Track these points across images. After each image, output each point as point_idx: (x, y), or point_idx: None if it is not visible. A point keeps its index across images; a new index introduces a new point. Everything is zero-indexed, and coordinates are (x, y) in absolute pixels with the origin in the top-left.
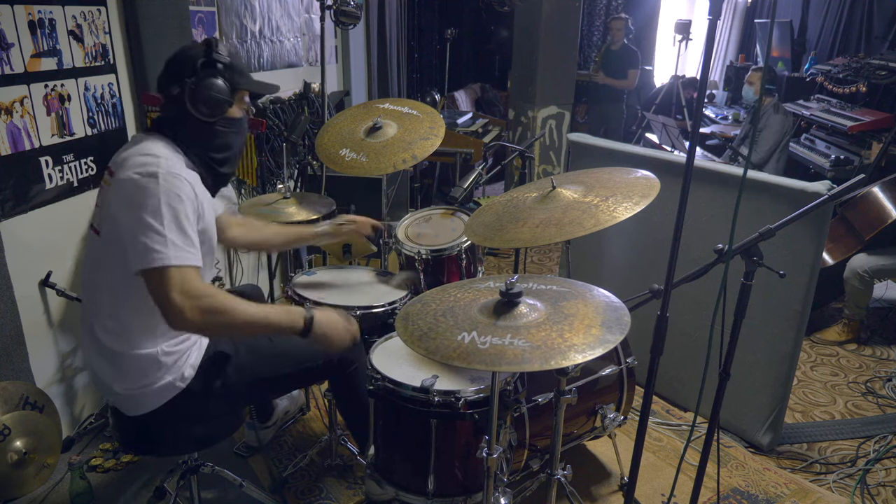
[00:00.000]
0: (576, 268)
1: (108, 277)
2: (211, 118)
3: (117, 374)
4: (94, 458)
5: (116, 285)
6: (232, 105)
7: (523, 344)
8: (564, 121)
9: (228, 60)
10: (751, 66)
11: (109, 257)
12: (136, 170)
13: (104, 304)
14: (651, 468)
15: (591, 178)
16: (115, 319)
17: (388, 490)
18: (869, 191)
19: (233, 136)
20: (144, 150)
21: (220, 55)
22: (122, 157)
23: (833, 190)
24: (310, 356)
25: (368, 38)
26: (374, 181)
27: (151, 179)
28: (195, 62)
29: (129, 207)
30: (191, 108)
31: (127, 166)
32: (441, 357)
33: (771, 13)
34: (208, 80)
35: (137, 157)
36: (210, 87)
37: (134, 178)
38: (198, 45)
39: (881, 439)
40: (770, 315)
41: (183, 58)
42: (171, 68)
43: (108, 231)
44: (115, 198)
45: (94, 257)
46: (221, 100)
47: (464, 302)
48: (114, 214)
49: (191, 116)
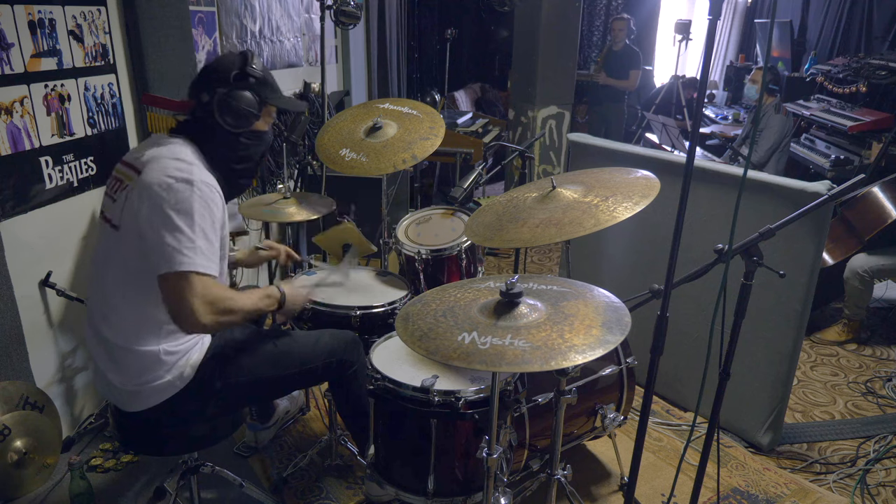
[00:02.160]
0: (576, 268)
1: (120, 272)
2: (236, 129)
3: (116, 367)
4: (94, 458)
5: (127, 281)
6: (259, 119)
7: (523, 344)
8: (564, 121)
9: (261, 75)
10: (751, 66)
11: (125, 253)
12: (171, 173)
13: (111, 298)
14: (651, 468)
15: (591, 178)
16: (119, 314)
17: (389, 490)
18: (869, 191)
19: (255, 148)
20: (175, 153)
21: (254, 69)
22: (148, 155)
23: (833, 190)
24: (309, 358)
25: (368, 38)
26: (374, 181)
27: (186, 186)
28: (229, 73)
29: (160, 209)
30: (218, 117)
31: (158, 168)
32: (441, 357)
33: (771, 13)
34: (238, 92)
35: (170, 161)
36: (239, 99)
37: (168, 182)
38: (234, 56)
39: (881, 439)
40: (770, 315)
41: (219, 67)
42: (206, 76)
43: (129, 227)
44: (144, 196)
45: (107, 250)
46: (249, 112)
47: (464, 302)
48: (141, 213)
49: (217, 125)
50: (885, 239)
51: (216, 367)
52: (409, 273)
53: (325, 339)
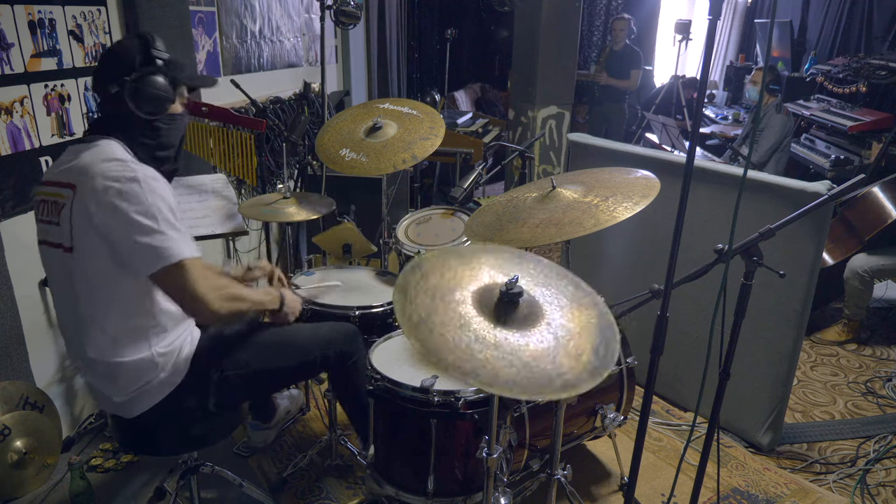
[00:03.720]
0: (576, 268)
1: (90, 292)
2: (153, 116)
3: (112, 383)
4: (94, 458)
5: (100, 298)
6: (174, 101)
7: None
8: (564, 121)
9: (167, 56)
10: (751, 66)
11: (89, 271)
12: (114, 176)
13: (89, 319)
14: (651, 468)
15: (591, 178)
16: (103, 332)
17: (388, 490)
18: (869, 191)
19: (174, 133)
20: (106, 154)
21: (159, 51)
22: (76, 167)
23: (833, 190)
24: (308, 349)
25: (368, 38)
26: (374, 181)
27: (134, 184)
28: (133, 59)
29: (120, 215)
30: (133, 106)
31: (95, 175)
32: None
33: (771, 13)
34: (150, 78)
35: (105, 165)
36: (152, 85)
37: (115, 186)
38: (132, 41)
39: (881, 439)
40: (770, 315)
41: (120, 54)
42: (108, 66)
43: (88, 243)
44: (95, 208)
45: (67, 275)
46: (164, 97)
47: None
48: (100, 225)
49: (132, 115)
50: (885, 239)
51: (212, 359)
52: None
53: (324, 330)
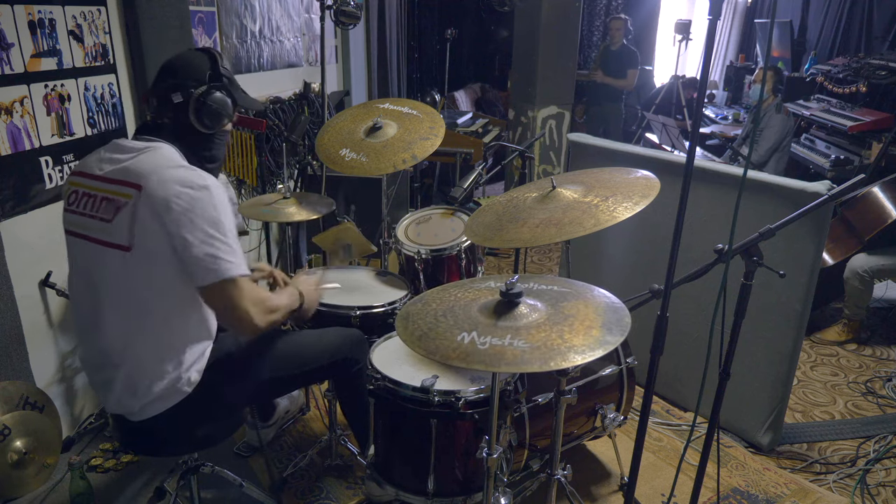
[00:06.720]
0: (576, 268)
1: (137, 294)
2: (210, 130)
3: (133, 393)
4: (94, 458)
5: (143, 302)
6: (233, 119)
7: (523, 345)
8: (564, 121)
9: (231, 75)
10: (751, 66)
11: (141, 276)
12: (186, 182)
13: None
14: (651, 468)
15: (591, 178)
16: (144, 344)
17: (389, 490)
18: (869, 191)
19: (222, 148)
20: (173, 160)
21: (226, 69)
22: (141, 167)
23: (833, 190)
24: (316, 356)
25: (368, 38)
26: (374, 181)
27: (206, 192)
28: (203, 73)
29: (189, 221)
30: (194, 119)
31: (166, 179)
32: (441, 357)
33: (771, 13)
34: (216, 95)
35: (176, 170)
36: (217, 102)
37: (188, 192)
38: (201, 55)
39: (881, 439)
40: (770, 315)
41: (187, 66)
42: (176, 75)
43: (150, 246)
44: (164, 211)
45: (115, 276)
46: (225, 114)
47: (464, 302)
48: (165, 229)
49: (191, 125)
50: (885, 239)
51: (223, 369)
52: (409, 273)
53: (331, 336)
